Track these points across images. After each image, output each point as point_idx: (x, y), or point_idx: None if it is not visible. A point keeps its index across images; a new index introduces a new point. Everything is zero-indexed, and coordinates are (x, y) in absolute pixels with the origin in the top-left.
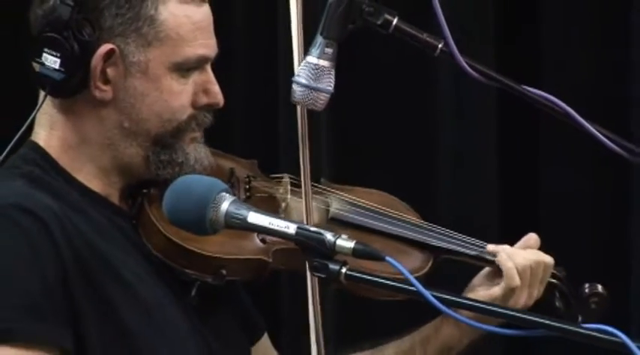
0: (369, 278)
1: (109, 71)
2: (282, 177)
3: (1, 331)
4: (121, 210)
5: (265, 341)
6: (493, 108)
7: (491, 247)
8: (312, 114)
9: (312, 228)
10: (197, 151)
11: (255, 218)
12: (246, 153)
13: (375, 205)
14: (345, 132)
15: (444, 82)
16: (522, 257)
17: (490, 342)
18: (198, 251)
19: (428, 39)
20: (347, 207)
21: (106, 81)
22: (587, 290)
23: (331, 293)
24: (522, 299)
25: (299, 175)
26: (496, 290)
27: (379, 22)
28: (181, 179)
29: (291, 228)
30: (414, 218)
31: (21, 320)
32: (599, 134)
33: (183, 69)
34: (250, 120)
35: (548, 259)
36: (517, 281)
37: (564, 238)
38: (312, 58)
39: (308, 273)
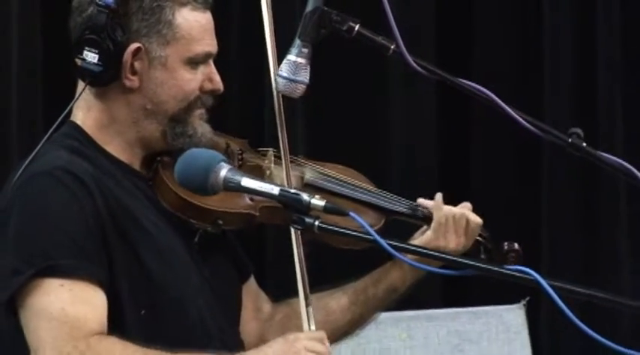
0: (337, 229)
1: (136, 64)
2: (267, 151)
3: (50, 266)
4: (142, 174)
5: (253, 281)
6: (433, 98)
7: (422, 200)
8: (290, 101)
9: (292, 190)
10: (202, 127)
11: (247, 182)
12: (238, 133)
13: (341, 175)
14: (318, 117)
15: (394, 81)
16: (449, 207)
17: (430, 281)
18: (201, 205)
19: (382, 41)
20: (318, 176)
21: (134, 72)
22: (506, 247)
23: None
24: (452, 244)
25: (280, 150)
26: (428, 233)
27: (344, 28)
28: (189, 151)
29: (275, 190)
30: (371, 186)
31: (68, 258)
32: (517, 116)
33: (193, 62)
34: (242, 107)
35: (474, 216)
36: (442, 214)
37: (491, 207)
38: (291, 56)
39: (292, 229)
